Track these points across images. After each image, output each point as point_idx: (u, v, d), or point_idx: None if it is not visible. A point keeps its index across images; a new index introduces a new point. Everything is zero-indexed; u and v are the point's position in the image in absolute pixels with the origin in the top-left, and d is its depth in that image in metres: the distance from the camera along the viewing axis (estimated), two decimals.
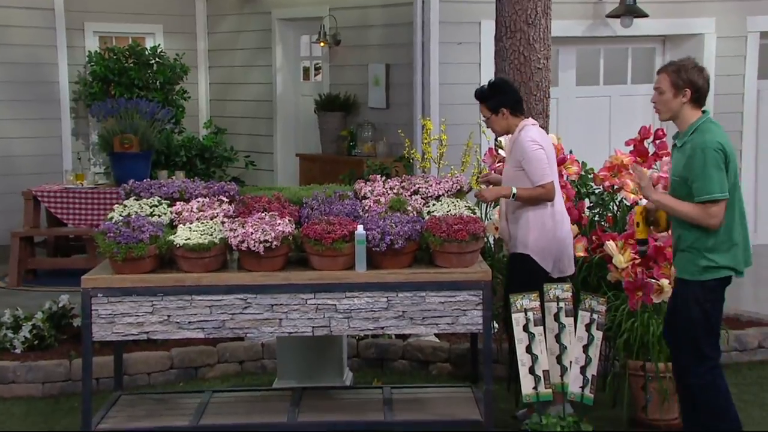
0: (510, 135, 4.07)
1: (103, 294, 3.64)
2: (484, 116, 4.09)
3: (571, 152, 4.75)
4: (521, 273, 3.96)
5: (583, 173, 4.78)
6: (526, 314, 3.77)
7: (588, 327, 3.79)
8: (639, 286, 3.98)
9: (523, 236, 3.95)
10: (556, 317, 3.82)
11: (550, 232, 3.94)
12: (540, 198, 3.91)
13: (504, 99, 4.06)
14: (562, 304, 3.82)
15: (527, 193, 3.91)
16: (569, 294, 3.85)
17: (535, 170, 3.90)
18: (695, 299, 3.39)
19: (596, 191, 4.80)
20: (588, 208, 4.74)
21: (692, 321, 3.40)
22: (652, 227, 3.68)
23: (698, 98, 3.42)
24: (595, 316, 3.78)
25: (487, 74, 6.26)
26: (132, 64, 8.00)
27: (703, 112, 3.45)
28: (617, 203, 4.66)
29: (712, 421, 3.41)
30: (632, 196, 4.34)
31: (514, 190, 3.91)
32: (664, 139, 4.56)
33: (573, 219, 4.33)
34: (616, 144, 5.18)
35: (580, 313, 3.82)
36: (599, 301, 3.79)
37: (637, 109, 7.41)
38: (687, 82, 3.41)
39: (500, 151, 4.46)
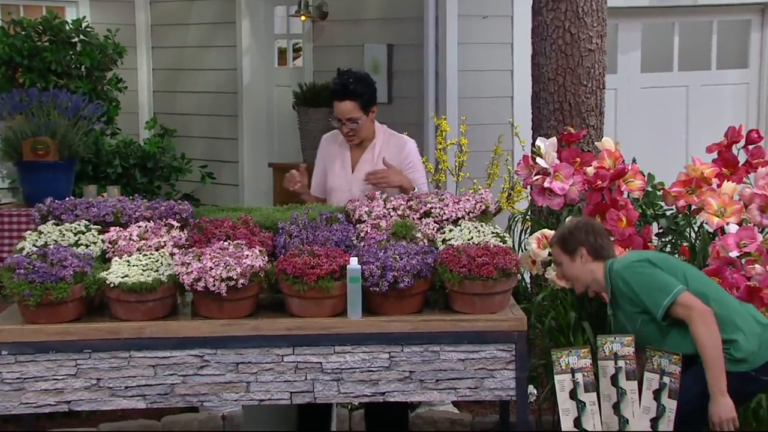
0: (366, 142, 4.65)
1: (8, 351, 3.70)
2: (348, 117, 4.57)
3: (633, 161, 4.85)
4: None
5: (649, 189, 4.88)
6: (573, 376, 3.85)
7: (657, 394, 3.86)
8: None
9: None
10: (614, 381, 3.89)
11: None
12: None
13: (374, 95, 4.69)
14: (621, 363, 3.89)
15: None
16: (631, 349, 3.92)
17: (423, 180, 4.68)
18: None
19: (668, 213, 4.89)
20: (656, 235, 4.82)
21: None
22: None
23: (597, 253, 4.00)
24: (666, 379, 3.85)
25: (521, 57, 6.38)
26: (47, 43, 8.11)
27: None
28: (696, 229, 4.75)
29: None
30: (715, 219, 4.41)
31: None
32: (759, 144, 4.66)
33: (636, 249, 4.42)
34: (695, 150, 5.27)
35: (647, 375, 3.88)
36: (672, 360, 3.86)
37: (725, 104, 7.51)
38: (576, 243, 4.01)
39: (538, 160, 4.57)
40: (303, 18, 7.91)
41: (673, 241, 4.82)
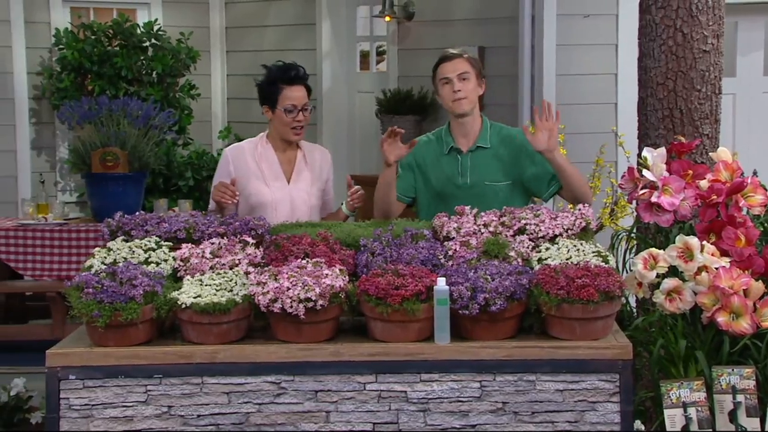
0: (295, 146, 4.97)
1: (76, 376, 3.77)
2: (303, 104, 4.84)
3: (754, 174, 4.77)
4: None
5: None
6: (685, 411, 3.80)
7: None
8: None
9: None
10: (733, 417, 3.84)
11: None
12: None
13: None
14: (740, 398, 3.84)
15: None
16: (752, 382, 3.87)
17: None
18: None
19: None
20: None
21: None
22: None
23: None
24: None
25: (627, 60, 6.34)
26: (118, 48, 8.34)
27: None
28: None
29: None
30: None
31: None
32: None
33: (757, 271, 4.35)
34: None
35: None
36: None
37: None
38: (481, 72, 4.69)
39: (645, 172, 4.53)
40: (388, 19, 7.99)
41: None
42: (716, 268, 4.27)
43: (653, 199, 4.50)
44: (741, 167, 4.71)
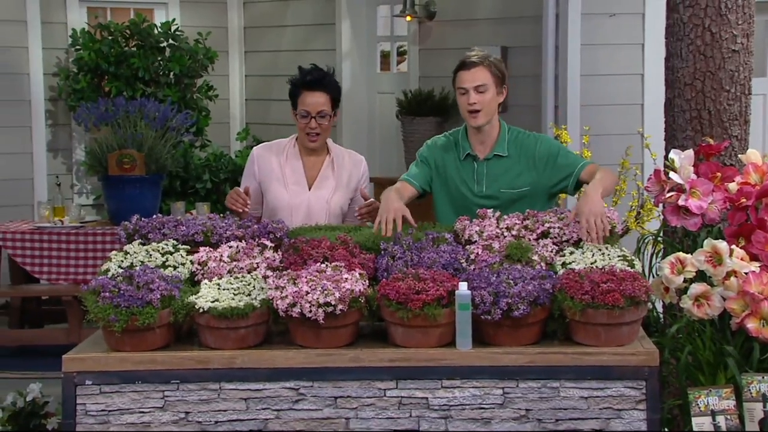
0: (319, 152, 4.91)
1: (93, 381, 3.79)
2: (318, 111, 4.75)
3: None
4: None
5: None
6: (714, 419, 3.78)
7: None
8: None
9: None
10: (763, 426, 3.81)
11: None
12: None
13: (340, 96, 4.98)
14: None
15: None
16: None
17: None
18: None
19: None
20: None
21: None
22: None
23: (503, 105, 4.63)
24: None
25: (654, 59, 6.32)
26: (135, 48, 8.38)
27: None
28: None
29: None
30: None
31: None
32: None
33: None
34: None
35: None
36: None
37: None
38: (503, 77, 4.53)
39: (672, 174, 4.51)
40: (408, 18, 7.99)
41: None
42: (746, 273, 4.25)
43: (680, 202, 4.48)
44: None
